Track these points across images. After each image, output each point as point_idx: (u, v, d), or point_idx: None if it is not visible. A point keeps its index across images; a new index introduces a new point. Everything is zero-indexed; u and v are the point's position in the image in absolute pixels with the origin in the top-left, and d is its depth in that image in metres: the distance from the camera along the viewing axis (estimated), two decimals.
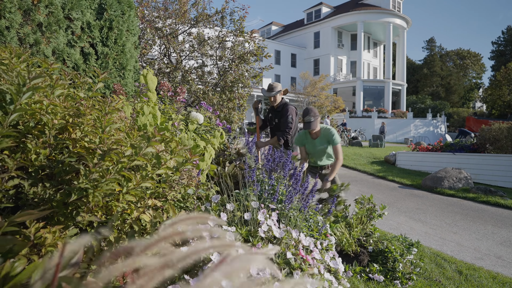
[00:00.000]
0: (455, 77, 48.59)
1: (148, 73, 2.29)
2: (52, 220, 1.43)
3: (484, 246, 4.15)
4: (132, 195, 1.51)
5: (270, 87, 3.93)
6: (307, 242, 1.92)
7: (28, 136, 1.47)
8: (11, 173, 1.34)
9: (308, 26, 36.37)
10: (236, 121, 6.22)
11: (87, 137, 1.62)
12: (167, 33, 6.64)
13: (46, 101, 1.52)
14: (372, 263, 2.96)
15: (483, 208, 6.20)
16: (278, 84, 3.98)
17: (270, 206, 2.14)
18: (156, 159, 1.63)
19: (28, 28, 3.06)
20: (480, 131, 9.69)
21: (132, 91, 4.24)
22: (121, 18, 4.02)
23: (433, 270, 3.17)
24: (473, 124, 26.94)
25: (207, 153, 2.54)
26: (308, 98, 26.83)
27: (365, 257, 2.98)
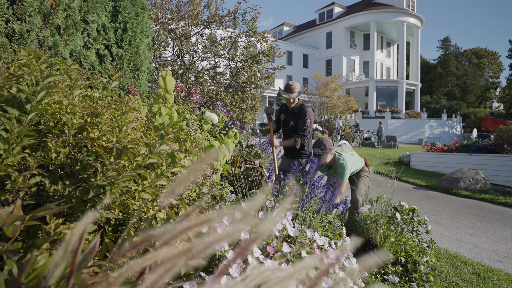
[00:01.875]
0: (471, 76, 47.64)
1: (166, 75, 2.32)
2: (71, 217, 1.46)
3: (503, 248, 4.06)
4: (148, 193, 1.54)
5: (289, 87, 3.58)
6: (321, 242, 1.91)
7: (49, 135, 1.51)
8: (32, 171, 1.38)
9: (320, 26, 36.21)
10: (249, 121, 6.24)
11: (105, 136, 1.65)
12: (180, 35, 6.71)
13: (65, 101, 1.55)
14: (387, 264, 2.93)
15: (501, 210, 6.06)
16: (298, 84, 3.63)
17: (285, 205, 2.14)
18: (171, 157, 1.65)
19: (47, 31, 3.13)
20: (498, 131, 9.47)
21: (146, 92, 4.29)
22: (135, 20, 4.09)
23: (449, 272, 3.11)
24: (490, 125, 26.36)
25: (221, 154, 2.56)
26: (321, 99, 26.70)
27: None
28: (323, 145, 3.33)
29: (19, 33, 2.97)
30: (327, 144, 3.35)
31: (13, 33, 2.97)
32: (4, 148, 1.26)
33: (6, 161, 1.30)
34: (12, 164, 1.36)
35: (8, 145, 1.27)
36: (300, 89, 3.63)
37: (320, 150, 3.30)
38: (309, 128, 3.55)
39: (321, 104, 26.85)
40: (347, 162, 3.35)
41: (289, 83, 3.62)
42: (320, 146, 3.32)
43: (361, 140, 19.51)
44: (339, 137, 19.13)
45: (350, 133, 19.87)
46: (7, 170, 1.31)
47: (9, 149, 1.28)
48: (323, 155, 3.29)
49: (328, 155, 3.32)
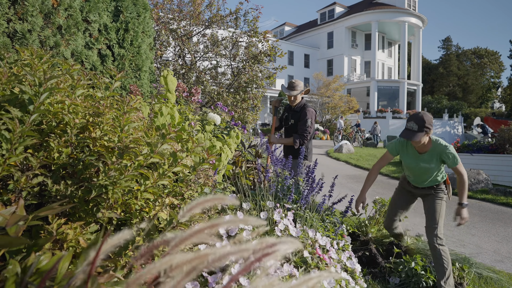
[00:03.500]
0: (473, 76, 47.55)
1: (168, 74, 2.33)
2: (73, 217, 1.46)
3: (505, 248, 4.05)
4: (150, 193, 1.54)
5: (291, 84, 3.52)
6: (323, 242, 1.91)
7: (51, 135, 1.51)
8: (35, 171, 1.38)
9: (321, 26, 36.18)
10: (251, 121, 6.24)
11: (107, 136, 1.65)
12: (181, 35, 6.72)
13: (68, 101, 1.56)
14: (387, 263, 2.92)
15: (502, 210, 6.05)
16: (300, 82, 3.56)
17: (285, 205, 2.14)
18: (173, 157, 1.65)
19: (48, 31, 3.14)
20: (499, 131, 9.45)
21: (147, 92, 4.30)
22: (136, 20, 4.09)
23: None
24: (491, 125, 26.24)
25: (223, 154, 2.56)
26: (322, 99, 26.68)
27: (379, 257, 2.95)
28: (422, 120, 2.50)
29: (20, 32, 2.97)
30: (427, 120, 2.50)
31: (15, 32, 2.97)
32: (6, 148, 1.26)
33: (9, 161, 1.30)
34: (15, 164, 1.36)
35: (11, 145, 1.27)
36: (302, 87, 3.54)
37: (416, 126, 2.50)
38: (310, 129, 3.45)
39: (323, 104, 26.84)
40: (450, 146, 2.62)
41: (292, 81, 3.57)
42: (418, 121, 2.51)
43: (362, 140, 19.50)
44: (340, 137, 19.12)
45: (352, 133, 19.87)
46: (10, 170, 1.31)
47: (12, 149, 1.28)
48: (418, 133, 2.50)
49: (424, 134, 2.50)
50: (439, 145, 2.61)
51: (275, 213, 1.95)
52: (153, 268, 0.54)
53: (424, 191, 2.82)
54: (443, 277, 2.55)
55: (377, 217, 3.46)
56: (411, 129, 2.52)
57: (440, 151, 2.61)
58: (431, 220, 2.67)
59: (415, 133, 2.50)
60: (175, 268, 0.56)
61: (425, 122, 2.49)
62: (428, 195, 2.79)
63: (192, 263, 0.56)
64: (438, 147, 2.61)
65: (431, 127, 2.53)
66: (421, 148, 2.65)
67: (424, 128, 2.49)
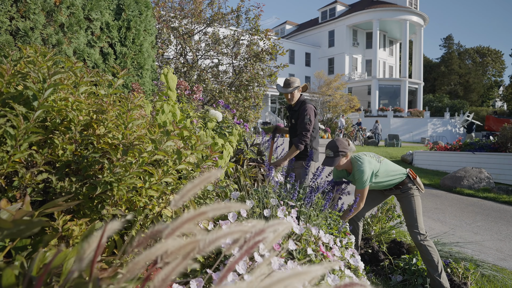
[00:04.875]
0: (474, 75, 47.43)
1: (168, 72, 2.32)
2: (78, 214, 1.47)
3: (507, 247, 4.05)
4: (154, 190, 1.54)
5: (286, 82, 3.40)
6: (327, 239, 1.91)
7: (55, 132, 1.51)
8: (39, 167, 1.38)
9: (322, 24, 36.12)
10: (252, 120, 6.24)
11: (111, 133, 1.65)
12: (183, 33, 6.71)
13: (71, 98, 1.56)
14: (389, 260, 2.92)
15: (505, 209, 6.04)
16: (296, 79, 3.42)
17: (289, 203, 2.14)
18: (177, 154, 1.65)
19: (51, 29, 3.14)
20: (502, 130, 9.43)
21: (150, 90, 4.30)
22: (138, 18, 4.09)
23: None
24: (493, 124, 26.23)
25: (225, 151, 2.56)
26: (323, 98, 26.66)
27: (382, 255, 2.95)
28: (336, 146, 2.74)
29: (23, 30, 2.98)
30: (340, 146, 2.74)
31: (17, 30, 2.97)
32: (11, 144, 1.26)
33: (14, 158, 1.30)
34: (20, 161, 1.36)
35: (16, 141, 1.27)
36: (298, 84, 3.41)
37: (331, 153, 2.75)
38: (308, 126, 3.28)
39: (324, 103, 26.81)
40: (365, 166, 2.70)
41: (287, 78, 3.44)
42: (332, 148, 2.76)
43: (363, 139, 19.47)
44: (341, 135, 19.10)
45: (353, 131, 19.84)
46: (15, 166, 1.31)
47: (17, 146, 1.28)
48: (334, 158, 2.72)
49: (341, 158, 2.73)
50: (355, 166, 2.75)
51: (278, 210, 1.95)
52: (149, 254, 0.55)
53: (391, 192, 2.91)
54: (435, 271, 2.60)
55: (379, 215, 3.46)
56: (328, 156, 2.76)
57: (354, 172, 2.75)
58: (410, 219, 2.73)
59: (332, 158, 2.73)
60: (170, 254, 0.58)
61: (338, 147, 2.72)
62: (398, 195, 2.86)
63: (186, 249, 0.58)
64: (354, 167, 2.76)
65: (346, 150, 2.73)
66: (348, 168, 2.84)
67: (339, 152, 2.71)
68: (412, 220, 2.71)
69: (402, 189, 2.81)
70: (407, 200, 2.78)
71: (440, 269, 2.60)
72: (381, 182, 2.78)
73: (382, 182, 2.78)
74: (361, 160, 2.73)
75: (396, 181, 2.80)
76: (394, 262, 2.97)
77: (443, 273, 2.62)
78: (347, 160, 2.78)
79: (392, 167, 2.82)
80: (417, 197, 2.78)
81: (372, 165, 2.72)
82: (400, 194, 2.83)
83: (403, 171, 2.83)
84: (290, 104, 3.52)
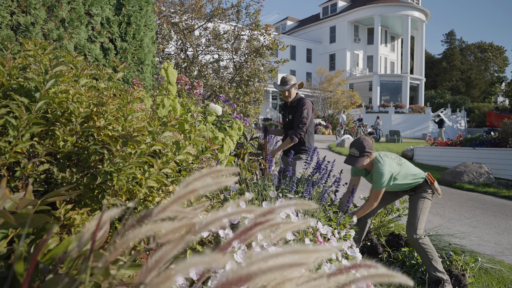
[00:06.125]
0: (476, 71, 47.26)
1: (168, 66, 2.34)
2: (79, 204, 1.49)
3: (505, 240, 4.07)
4: (154, 181, 1.56)
5: (283, 80, 3.47)
6: (324, 231, 1.94)
7: (56, 123, 1.54)
8: (41, 158, 1.41)
9: (323, 20, 36.00)
10: (253, 115, 6.26)
11: (110, 126, 1.68)
12: (183, 28, 6.72)
13: (72, 91, 1.58)
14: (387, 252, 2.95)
15: (504, 203, 6.06)
16: (292, 77, 3.50)
17: (288, 195, 2.17)
18: (176, 145, 1.67)
19: (51, 24, 3.15)
20: (502, 125, 9.43)
21: (150, 85, 4.32)
22: (139, 14, 4.10)
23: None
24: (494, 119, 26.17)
25: (225, 145, 2.58)
26: (324, 94, 26.63)
27: (380, 247, 2.98)
28: (362, 146, 2.67)
29: (24, 25, 2.99)
30: (366, 146, 2.67)
31: (18, 25, 2.99)
32: (13, 135, 1.28)
33: (16, 148, 1.33)
34: (22, 151, 1.38)
35: (18, 132, 1.30)
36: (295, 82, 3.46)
37: (357, 152, 2.67)
38: (305, 120, 3.33)
39: (325, 99, 26.79)
40: (385, 168, 2.65)
41: (283, 76, 3.50)
42: (358, 148, 2.68)
43: (364, 135, 19.46)
44: (342, 131, 19.10)
45: (354, 127, 19.83)
46: (17, 157, 1.34)
47: (19, 136, 1.31)
48: (359, 158, 2.66)
49: (365, 159, 2.67)
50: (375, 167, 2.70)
51: (277, 202, 1.98)
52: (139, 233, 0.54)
53: (405, 193, 2.89)
54: (431, 267, 2.63)
55: None
56: (354, 155, 2.69)
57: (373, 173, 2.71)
58: (412, 215, 2.74)
59: (357, 158, 2.67)
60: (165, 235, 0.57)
61: (365, 147, 2.66)
62: (411, 196, 2.84)
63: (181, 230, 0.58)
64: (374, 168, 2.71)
65: (372, 150, 2.69)
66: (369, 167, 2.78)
67: (365, 153, 2.66)
68: (415, 217, 2.71)
69: (417, 191, 2.80)
70: (417, 199, 2.77)
71: (436, 265, 2.62)
72: (399, 184, 2.74)
73: (400, 184, 2.74)
74: (382, 162, 2.68)
75: (414, 184, 2.77)
76: (393, 254, 3.00)
77: (439, 268, 2.62)
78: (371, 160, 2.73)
79: (412, 170, 2.79)
80: (427, 200, 2.77)
81: (393, 168, 2.68)
82: (414, 195, 2.82)
83: (422, 175, 2.80)
84: (286, 101, 3.58)
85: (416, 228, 2.68)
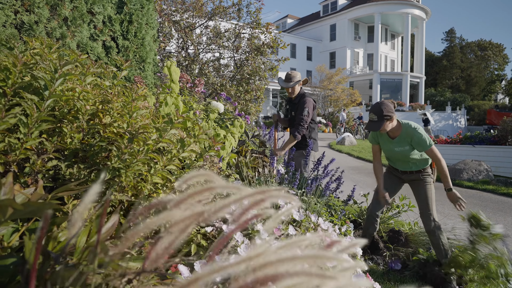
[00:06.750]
0: (476, 69, 47.24)
1: (172, 65, 2.37)
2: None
3: None
4: (159, 177, 1.60)
5: (287, 76, 3.52)
6: (325, 226, 1.97)
7: (63, 121, 1.57)
8: (49, 154, 1.44)
9: (324, 18, 35.96)
10: (253, 113, 6.29)
11: (116, 123, 1.71)
12: (184, 26, 6.74)
13: (79, 88, 1.61)
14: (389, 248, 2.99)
15: (503, 200, 6.10)
16: (297, 73, 3.54)
17: (290, 191, 2.20)
18: (180, 143, 1.71)
19: (54, 23, 3.18)
20: (502, 123, 9.46)
21: (152, 83, 4.34)
22: (140, 12, 4.12)
23: None
24: (494, 117, 26.21)
25: (227, 142, 2.62)
26: (324, 92, 26.64)
27: (381, 243, 3.01)
28: (380, 110, 2.56)
29: (27, 24, 3.02)
30: (384, 109, 2.56)
31: (22, 24, 3.02)
32: (24, 132, 1.32)
33: (26, 145, 1.36)
34: (31, 148, 1.42)
35: (28, 129, 1.33)
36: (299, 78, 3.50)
37: (375, 117, 2.57)
38: (306, 117, 3.40)
39: (325, 97, 26.80)
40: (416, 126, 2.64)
41: (288, 72, 3.53)
42: (376, 112, 2.57)
43: (364, 133, 19.49)
44: (342, 129, 19.13)
45: (354, 125, 19.87)
46: (27, 153, 1.37)
47: (29, 133, 1.34)
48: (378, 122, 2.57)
49: (385, 122, 2.57)
50: (408, 128, 2.65)
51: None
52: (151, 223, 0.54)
53: (411, 176, 2.83)
54: (443, 257, 2.69)
55: None
56: (372, 120, 2.61)
57: (408, 134, 2.64)
58: (425, 207, 2.73)
59: (376, 123, 2.58)
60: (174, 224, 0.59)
61: (383, 111, 2.56)
62: (415, 181, 2.82)
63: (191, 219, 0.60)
64: (407, 130, 2.64)
65: (391, 113, 2.58)
66: (392, 133, 2.71)
67: (383, 116, 2.56)
68: (428, 208, 2.71)
69: (422, 173, 2.78)
70: (424, 187, 2.75)
71: (448, 253, 2.70)
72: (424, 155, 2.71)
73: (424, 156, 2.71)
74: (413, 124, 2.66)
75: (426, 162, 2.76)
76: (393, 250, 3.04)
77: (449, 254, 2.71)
78: (392, 124, 2.64)
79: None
80: (432, 185, 2.78)
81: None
82: (417, 180, 2.79)
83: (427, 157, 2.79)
84: (290, 97, 3.63)
85: (432, 217, 2.70)
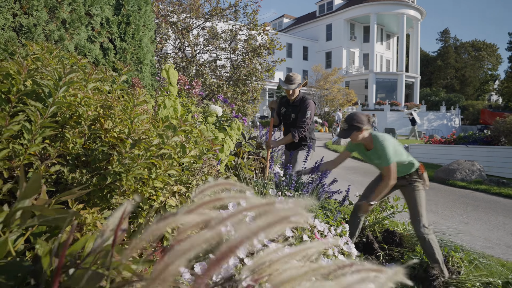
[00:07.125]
0: (470, 69, 47.62)
1: (170, 68, 2.41)
2: (88, 203, 1.57)
3: (495, 236, 4.20)
4: (160, 181, 1.64)
5: (289, 78, 3.48)
6: (321, 227, 2.02)
7: (66, 126, 1.60)
8: (52, 160, 1.48)
9: (320, 18, 36.05)
10: (250, 114, 6.34)
11: (117, 128, 1.75)
12: (181, 28, 6.76)
13: (80, 94, 1.65)
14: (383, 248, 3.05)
15: (495, 200, 6.21)
16: (298, 76, 3.54)
17: (287, 193, 2.25)
18: (181, 148, 1.75)
19: (53, 25, 3.20)
20: (494, 123, 9.59)
21: (149, 85, 4.37)
22: (138, 14, 4.15)
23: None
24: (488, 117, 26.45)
25: (225, 144, 2.66)
26: (320, 92, 26.73)
27: (376, 243, 3.07)
28: (351, 119, 2.65)
29: (26, 27, 3.04)
30: (355, 119, 2.64)
31: (21, 27, 3.04)
32: (28, 138, 1.35)
33: (29, 151, 1.39)
34: (35, 154, 1.45)
35: (31, 135, 1.36)
36: (301, 81, 3.52)
37: (346, 125, 2.66)
38: (308, 120, 3.46)
39: (321, 97, 26.89)
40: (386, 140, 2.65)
41: (289, 74, 3.52)
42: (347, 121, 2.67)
43: None
44: (338, 129, 19.21)
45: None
46: (30, 158, 1.40)
47: (32, 139, 1.37)
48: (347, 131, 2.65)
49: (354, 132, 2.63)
50: (376, 140, 2.67)
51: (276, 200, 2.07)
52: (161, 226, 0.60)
53: (399, 182, 2.80)
54: (435, 263, 2.72)
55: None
56: (343, 128, 2.69)
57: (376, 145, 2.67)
58: (415, 212, 2.76)
59: (345, 131, 2.65)
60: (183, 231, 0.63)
61: (353, 120, 2.62)
62: (404, 186, 2.83)
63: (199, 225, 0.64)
64: (375, 142, 2.67)
65: (360, 125, 2.62)
66: (368, 145, 2.76)
67: (353, 126, 2.61)
68: (418, 214, 2.73)
69: (408, 179, 2.79)
70: (412, 193, 2.77)
71: (440, 261, 2.69)
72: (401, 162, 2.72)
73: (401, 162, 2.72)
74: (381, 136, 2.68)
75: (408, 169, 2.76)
76: (388, 251, 3.10)
77: (442, 265, 2.71)
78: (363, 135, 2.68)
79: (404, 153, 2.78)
80: (422, 191, 2.79)
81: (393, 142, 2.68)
82: (406, 186, 2.81)
83: (416, 163, 2.80)
84: (289, 98, 3.61)
85: (422, 225, 2.70)
